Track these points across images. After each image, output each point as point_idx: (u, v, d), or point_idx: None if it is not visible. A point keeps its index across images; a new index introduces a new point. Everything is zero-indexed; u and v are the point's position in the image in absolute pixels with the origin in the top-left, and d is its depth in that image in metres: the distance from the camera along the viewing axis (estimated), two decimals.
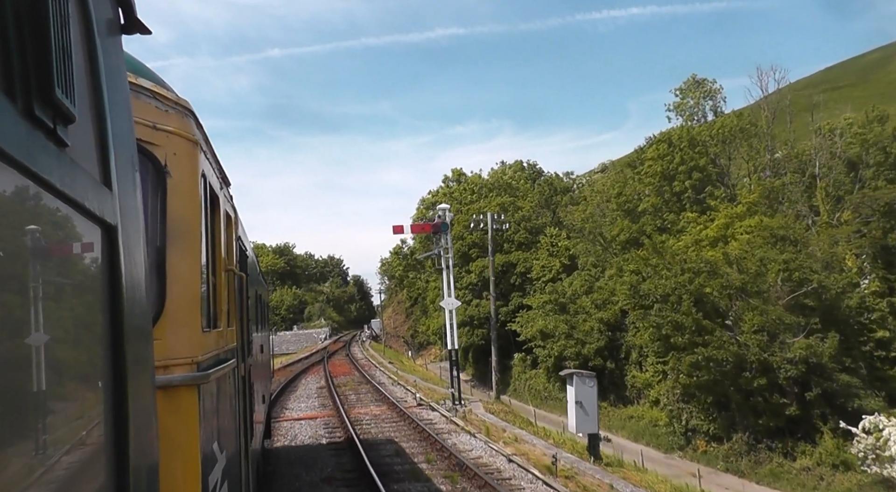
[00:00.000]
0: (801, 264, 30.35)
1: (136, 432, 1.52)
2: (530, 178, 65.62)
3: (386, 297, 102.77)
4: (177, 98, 3.93)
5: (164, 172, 3.73)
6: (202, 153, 4.12)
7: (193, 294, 3.76)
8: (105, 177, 1.51)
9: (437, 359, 70.05)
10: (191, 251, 3.80)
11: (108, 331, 1.45)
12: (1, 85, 1.03)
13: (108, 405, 1.43)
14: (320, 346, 76.76)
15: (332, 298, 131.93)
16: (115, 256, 1.49)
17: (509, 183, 59.19)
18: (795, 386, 27.38)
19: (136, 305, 1.63)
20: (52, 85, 1.15)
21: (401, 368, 48.86)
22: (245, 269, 7.38)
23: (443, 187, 70.70)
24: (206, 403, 3.89)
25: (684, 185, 44.22)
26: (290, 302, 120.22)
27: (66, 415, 1.29)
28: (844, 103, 47.21)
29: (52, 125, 1.18)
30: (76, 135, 1.31)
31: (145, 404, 1.68)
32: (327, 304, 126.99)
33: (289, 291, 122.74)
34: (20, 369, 1.07)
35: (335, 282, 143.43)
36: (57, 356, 1.24)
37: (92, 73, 1.49)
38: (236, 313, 5.76)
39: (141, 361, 1.65)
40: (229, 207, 5.70)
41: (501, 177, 59.10)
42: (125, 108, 1.84)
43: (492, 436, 19.37)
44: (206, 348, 3.94)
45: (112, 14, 1.75)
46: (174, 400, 3.44)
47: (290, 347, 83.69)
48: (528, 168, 69.26)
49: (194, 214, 3.88)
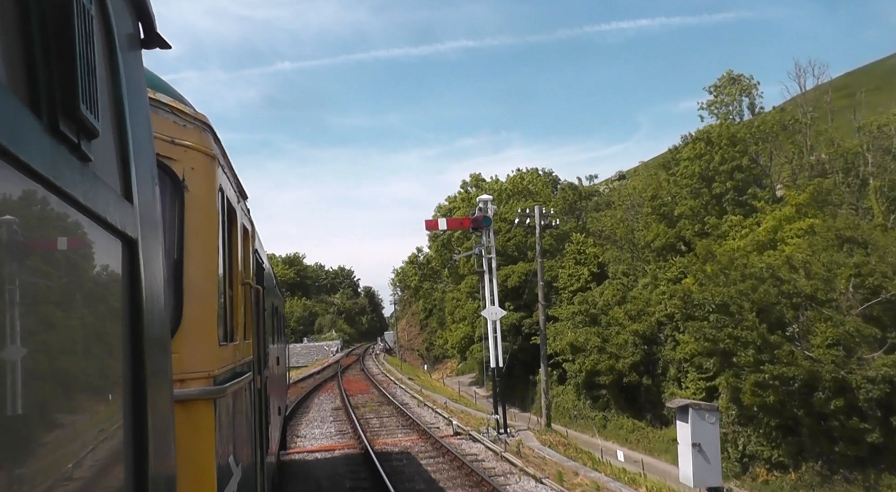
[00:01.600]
0: (874, 269, 27.02)
1: (155, 444, 1.54)
2: (548, 184, 62.40)
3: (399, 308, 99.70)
4: (195, 113, 3.97)
5: (181, 187, 3.75)
6: (220, 168, 4.15)
7: (210, 308, 3.78)
8: (126, 191, 1.54)
9: (454, 373, 66.82)
10: (208, 265, 3.83)
11: (128, 343, 1.47)
12: (27, 101, 1.04)
13: (127, 417, 1.45)
14: (332, 359, 73.36)
15: (343, 309, 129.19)
16: (135, 269, 1.52)
17: (528, 188, 56.06)
18: (878, 409, 24.03)
19: (156, 318, 1.66)
20: (76, 101, 1.17)
21: (423, 384, 44.86)
22: (262, 281, 7.35)
23: (461, 193, 67.58)
24: (223, 416, 3.88)
25: (725, 186, 41.01)
26: (301, 314, 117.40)
27: (85, 425, 1.29)
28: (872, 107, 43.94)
29: (76, 140, 1.20)
30: (99, 149, 1.33)
31: (164, 415, 1.71)
32: (338, 315, 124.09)
33: (299, 303, 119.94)
34: (42, 379, 1.08)
35: (346, 293, 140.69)
36: (77, 367, 1.25)
37: (114, 88, 1.52)
38: (253, 326, 5.78)
39: (160, 373, 1.68)
40: (246, 221, 5.73)
41: (520, 182, 56.01)
42: (145, 123, 1.87)
43: (565, 483, 15.03)
44: (222, 362, 3.93)
45: (133, 29, 1.78)
46: (190, 414, 3.42)
47: (300, 361, 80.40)
48: (544, 175, 65.95)
49: (211, 228, 3.91)
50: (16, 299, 0.98)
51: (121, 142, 1.53)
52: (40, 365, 1.06)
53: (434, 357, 75.30)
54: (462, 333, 49.41)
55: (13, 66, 1.03)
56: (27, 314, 1.00)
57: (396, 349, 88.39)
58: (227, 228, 4.41)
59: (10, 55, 1.03)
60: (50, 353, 1.10)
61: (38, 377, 1.06)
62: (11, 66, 1.02)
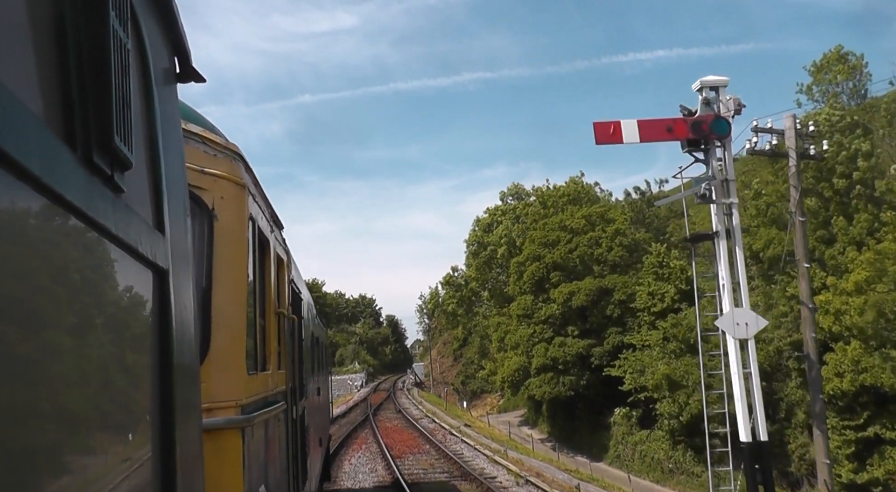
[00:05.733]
0: None
1: (184, 473, 1.53)
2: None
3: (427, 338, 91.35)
4: (225, 142, 3.96)
5: (211, 216, 3.73)
6: (250, 197, 4.12)
7: (239, 337, 3.76)
8: (158, 222, 1.55)
9: (495, 410, 58.31)
10: (237, 294, 3.79)
11: (157, 372, 1.47)
12: (62, 134, 1.05)
13: (156, 445, 1.44)
14: (358, 396, 64.37)
15: (365, 339, 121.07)
16: (165, 299, 1.51)
17: (588, 192, 48.17)
18: None
19: (186, 348, 1.66)
20: (111, 133, 1.17)
21: (489, 435, 33.77)
22: (298, 311, 7.33)
23: (501, 205, 59.90)
24: (252, 445, 3.85)
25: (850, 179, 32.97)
26: None
27: (115, 454, 1.28)
28: None
29: (109, 172, 1.20)
30: (132, 181, 1.34)
31: (193, 444, 1.70)
32: (360, 346, 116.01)
33: None
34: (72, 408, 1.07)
35: (367, 323, 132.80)
36: (107, 396, 1.25)
37: (148, 121, 1.53)
38: (287, 356, 5.71)
39: (189, 402, 1.68)
40: (281, 250, 5.66)
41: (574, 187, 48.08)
42: (179, 155, 1.89)
43: None
44: (251, 391, 3.91)
45: (169, 63, 1.80)
46: (218, 443, 3.41)
47: None
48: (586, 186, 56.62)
49: (241, 258, 3.89)
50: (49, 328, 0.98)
51: (154, 174, 1.55)
52: (69, 394, 1.07)
53: (471, 392, 66.69)
54: (515, 365, 41.34)
55: (49, 98, 1.04)
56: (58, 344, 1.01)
57: (430, 383, 79.41)
58: (258, 258, 4.40)
59: (47, 87, 1.04)
60: (79, 381, 1.10)
61: (68, 407, 1.06)
62: (47, 98, 1.03)
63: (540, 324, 41.79)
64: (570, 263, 41.35)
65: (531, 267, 42.51)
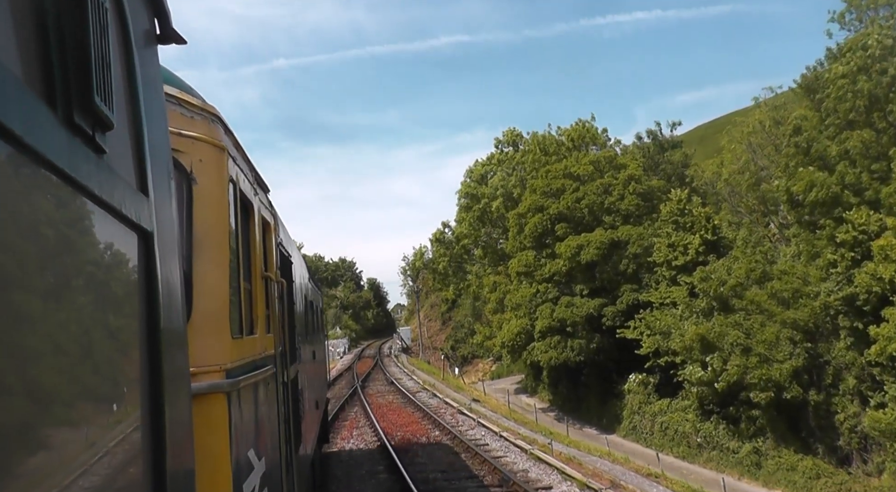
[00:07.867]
0: None
1: (174, 442, 1.51)
2: None
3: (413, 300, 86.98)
4: (202, 104, 3.86)
5: (190, 179, 3.66)
6: (230, 159, 4.02)
7: (221, 302, 3.69)
8: (142, 184, 1.52)
9: (488, 376, 54.25)
10: (218, 259, 3.72)
11: (145, 336, 1.45)
12: (42, 93, 1.04)
13: (145, 410, 1.42)
14: (341, 364, 59.77)
15: (347, 303, 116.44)
16: (151, 262, 1.49)
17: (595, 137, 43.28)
18: None
19: (173, 311, 1.63)
20: (91, 93, 1.16)
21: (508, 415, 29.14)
22: (289, 274, 7.21)
23: (497, 153, 54.83)
24: (239, 410, 3.81)
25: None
26: None
27: (104, 420, 1.27)
28: None
29: (91, 132, 1.19)
30: (114, 142, 1.32)
31: (182, 409, 1.67)
32: (342, 310, 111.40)
33: None
34: (58, 373, 1.07)
35: (348, 286, 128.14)
36: (94, 362, 1.23)
37: (129, 82, 1.51)
38: (277, 319, 5.65)
39: (177, 366, 1.65)
40: (267, 213, 5.57)
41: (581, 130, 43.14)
42: (161, 117, 1.86)
43: None
44: (236, 356, 3.84)
45: (149, 25, 1.76)
46: (203, 408, 3.34)
47: None
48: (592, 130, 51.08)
49: (222, 221, 3.80)
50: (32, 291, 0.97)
51: (136, 135, 1.52)
52: (55, 359, 1.06)
53: (462, 357, 62.59)
54: (516, 328, 36.78)
55: (28, 58, 1.03)
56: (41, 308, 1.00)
57: (418, 348, 75.07)
58: (241, 221, 4.32)
59: (26, 48, 1.03)
60: (64, 347, 1.09)
61: (54, 372, 1.05)
62: (26, 58, 1.02)
63: (544, 282, 37.25)
64: (577, 213, 36.69)
65: (533, 219, 37.82)
